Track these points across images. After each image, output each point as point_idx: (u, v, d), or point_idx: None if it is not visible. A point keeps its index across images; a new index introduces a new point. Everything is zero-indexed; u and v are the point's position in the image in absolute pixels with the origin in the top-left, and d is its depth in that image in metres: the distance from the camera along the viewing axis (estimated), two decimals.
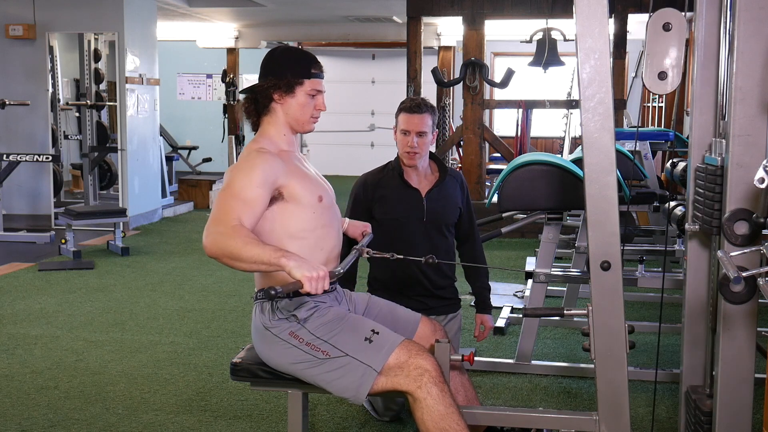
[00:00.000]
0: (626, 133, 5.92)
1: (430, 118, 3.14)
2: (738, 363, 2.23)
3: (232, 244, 2.10)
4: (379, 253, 2.59)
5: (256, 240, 2.12)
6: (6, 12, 8.17)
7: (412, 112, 3.13)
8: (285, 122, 2.43)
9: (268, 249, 2.08)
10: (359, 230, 2.78)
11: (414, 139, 3.11)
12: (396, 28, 10.84)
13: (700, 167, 2.42)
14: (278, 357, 2.36)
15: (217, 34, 11.35)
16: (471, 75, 7.70)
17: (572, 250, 4.89)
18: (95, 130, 9.04)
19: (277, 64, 2.41)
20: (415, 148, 3.12)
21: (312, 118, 2.44)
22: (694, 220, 2.45)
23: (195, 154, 12.82)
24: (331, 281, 2.10)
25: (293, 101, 2.40)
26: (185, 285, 5.62)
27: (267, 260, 2.07)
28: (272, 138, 2.42)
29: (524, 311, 2.64)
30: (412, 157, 3.14)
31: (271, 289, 2.02)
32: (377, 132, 13.32)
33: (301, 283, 2.03)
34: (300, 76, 2.39)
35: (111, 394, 3.51)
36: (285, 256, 2.06)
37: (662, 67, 2.23)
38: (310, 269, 2.03)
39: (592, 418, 2.35)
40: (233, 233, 2.13)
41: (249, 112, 2.46)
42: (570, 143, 8.79)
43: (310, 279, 2.02)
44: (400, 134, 3.16)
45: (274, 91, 2.39)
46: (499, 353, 4.09)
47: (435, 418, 2.17)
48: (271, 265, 2.07)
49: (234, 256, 2.10)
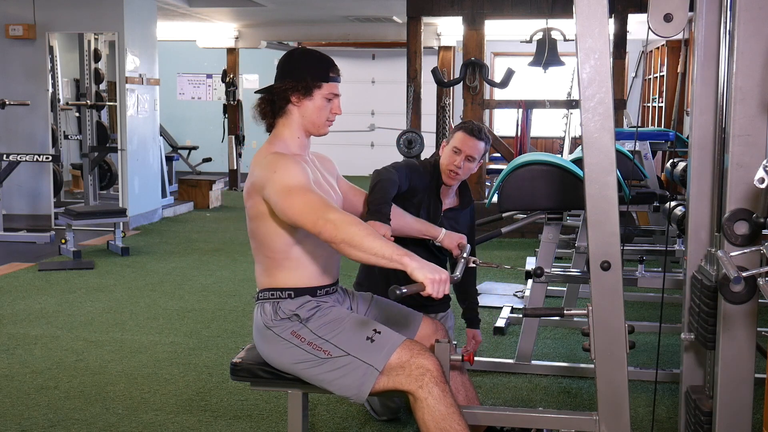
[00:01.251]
0: (626, 133, 5.93)
1: (484, 147, 3.15)
2: (738, 363, 2.22)
3: (354, 232, 2.08)
4: (486, 263, 2.72)
5: (375, 232, 2.11)
6: (6, 12, 8.17)
7: (472, 135, 3.12)
8: (300, 125, 2.42)
9: (390, 245, 2.08)
10: (455, 242, 2.83)
11: (462, 161, 3.11)
12: (396, 28, 10.84)
13: (696, 277, 2.40)
14: (280, 356, 2.36)
15: (217, 34, 11.35)
16: (471, 75, 7.70)
17: (572, 250, 4.89)
18: (95, 130, 9.05)
19: (295, 67, 2.40)
20: (460, 170, 3.11)
21: (327, 122, 2.44)
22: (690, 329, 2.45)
23: (195, 154, 12.83)
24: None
25: (310, 104, 2.39)
26: (185, 285, 5.63)
27: (389, 256, 2.05)
28: (286, 141, 2.41)
29: (524, 311, 2.64)
30: (452, 177, 3.13)
31: (396, 289, 2.01)
32: (377, 132, 13.33)
33: (424, 285, 2.03)
34: (319, 79, 2.38)
35: (111, 394, 3.51)
36: (408, 255, 2.06)
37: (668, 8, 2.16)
38: (433, 271, 2.03)
39: (592, 418, 2.35)
40: (353, 221, 2.12)
41: (264, 113, 2.44)
42: (570, 143, 8.79)
43: (433, 281, 2.02)
44: (451, 151, 3.14)
45: (292, 93, 2.38)
46: (499, 353, 4.09)
47: (436, 418, 2.17)
48: (392, 261, 2.06)
49: (354, 243, 2.07)
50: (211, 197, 9.85)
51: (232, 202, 10.40)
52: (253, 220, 2.38)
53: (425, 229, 2.87)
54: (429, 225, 2.89)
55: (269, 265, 2.39)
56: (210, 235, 7.91)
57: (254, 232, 2.40)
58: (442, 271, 2.05)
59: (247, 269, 6.13)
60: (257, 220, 2.36)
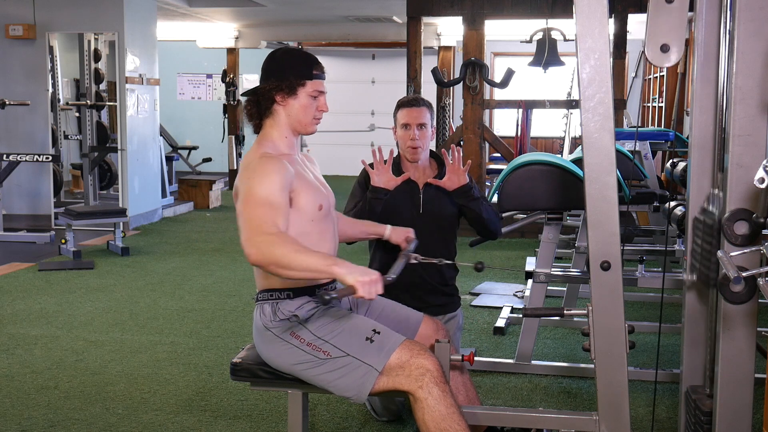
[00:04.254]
0: (626, 133, 5.93)
1: (428, 111, 3.21)
2: (738, 363, 2.22)
3: (280, 253, 2.11)
4: (427, 258, 2.67)
5: (303, 247, 2.13)
6: (6, 12, 8.17)
7: (411, 105, 3.20)
8: (287, 124, 2.43)
9: (317, 257, 2.10)
10: (402, 236, 2.82)
11: (415, 131, 3.15)
12: (396, 28, 10.84)
13: (698, 218, 2.42)
14: (279, 357, 2.36)
15: (217, 34, 11.35)
16: (471, 75, 7.70)
17: (572, 250, 4.89)
18: (95, 130, 9.05)
19: (278, 66, 2.41)
20: (417, 141, 3.15)
21: (314, 120, 2.45)
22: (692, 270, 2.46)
23: (195, 154, 12.83)
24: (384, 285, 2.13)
25: (295, 103, 2.40)
26: (185, 285, 5.62)
27: (318, 268, 2.09)
28: (274, 141, 2.42)
29: (524, 311, 2.64)
30: (415, 151, 3.17)
31: (326, 294, 2.06)
32: (377, 132, 13.32)
33: (355, 288, 2.05)
34: (302, 77, 2.39)
35: (111, 394, 3.51)
36: (336, 263, 2.09)
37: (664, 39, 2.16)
38: (362, 274, 2.06)
39: (592, 418, 2.35)
40: (279, 241, 2.14)
41: (251, 114, 2.46)
42: (570, 143, 8.79)
43: (363, 283, 2.05)
44: (401, 130, 3.20)
45: (276, 92, 2.39)
46: (499, 353, 4.09)
47: (436, 419, 2.17)
48: (322, 273, 2.10)
49: (282, 264, 2.10)
50: (211, 197, 9.85)
51: (232, 202, 10.33)
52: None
53: (372, 230, 2.87)
54: (374, 224, 2.89)
55: None
56: (210, 235, 7.91)
57: None
58: (373, 273, 2.09)
59: (247, 269, 6.13)
60: None
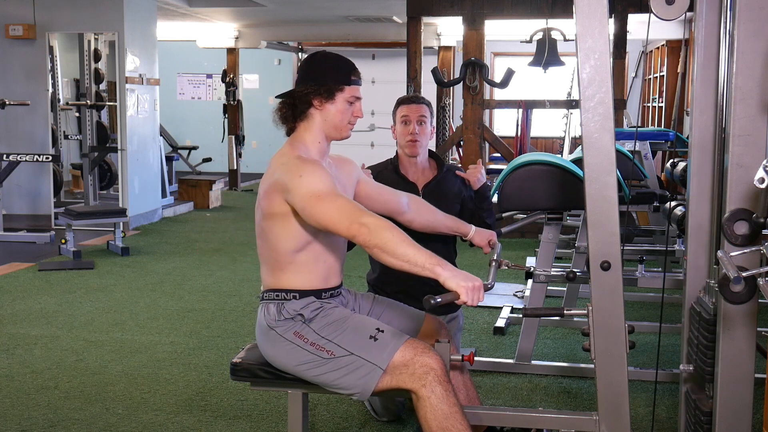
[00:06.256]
0: (626, 133, 5.93)
1: (427, 109, 3.22)
2: (738, 363, 2.22)
3: (389, 237, 2.09)
4: (518, 266, 2.74)
5: (412, 241, 2.11)
6: (6, 12, 8.17)
7: (411, 102, 3.21)
8: (321, 129, 2.41)
9: (423, 253, 2.08)
10: (486, 239, 2.84)
11: (415, 126, 3.16)
12: (396, 28, 10.84)
13: (695, 309, 2.41)
14: (282, 357, 2.36)
15: (217, 34, 11.35)
16: (471, 75, 7.70)
17: (572, 250, 4.89)
18: (95, 130, 9.05)
19: (317, 71, 2.41)
20: (417, 135, 3.16)
21: (349, 125, 2.44)
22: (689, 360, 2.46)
23: (195, 154, 12.82)
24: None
25: (332, 108, 2.39)
26: (185, 285, 5.62)
27: (422, 264, 2.06)
28: (307, 145, 2.41)
29: (524, 311, 2.64)
30: (413, 145, 3.17)
31: (431, 299, 2.03)
32: (377, 132, 13.32)
33: (458, 293, 2.03)
34: (340, 82, 2.39)
35: (111, 394, 3.51)
36: (440, 264, 2.06)
37: None
38: (466, 279, 2.04)
39: (592, 418, 2.35)
40: (389, 227, 2.12)
41: (285, 117, 2.44)
42: (570, 143, 8.79)
43: (467, 289, 2.03)
44: (401, 125, 3.20)
45: (314, 96, 2.38)
46: (499, 353, 4.09)
47: (438, 417, 2.17)
48: (424, 270, 2.07)
49: (387, 249, 2.08)
50: (211, 197, 9.85)
51: (232, 202, 10.40)
52: (267, 219, 2.37)
53: (456, 226, 2.89)
54: (460, 222, 2.90)
55: (276, 267, 2.39)
56: (210, 235, 7.90)
57: (265, 232, 2.39)
58: (476, 278, 2.05)
59: (247, 269, 6.13)
60: (271, 219, 2.35)
